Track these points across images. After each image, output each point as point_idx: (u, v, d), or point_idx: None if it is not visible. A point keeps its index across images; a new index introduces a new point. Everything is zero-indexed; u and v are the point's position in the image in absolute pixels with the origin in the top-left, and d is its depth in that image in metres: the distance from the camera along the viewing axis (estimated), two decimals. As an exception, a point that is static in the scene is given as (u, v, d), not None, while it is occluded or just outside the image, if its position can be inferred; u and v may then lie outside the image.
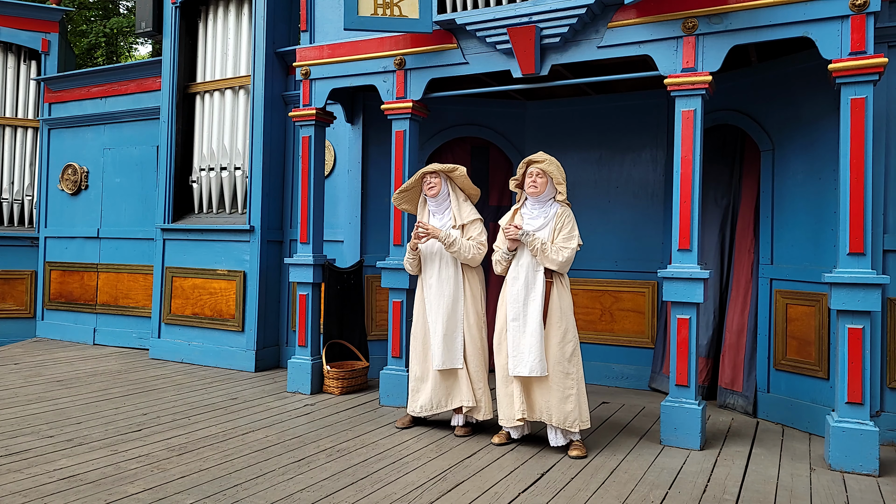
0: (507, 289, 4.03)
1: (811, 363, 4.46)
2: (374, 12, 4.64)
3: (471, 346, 4.26)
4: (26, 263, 8.22)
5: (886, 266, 4.22)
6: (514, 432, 4.09)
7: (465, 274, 4.31)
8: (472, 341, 4.26)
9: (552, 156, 4.09)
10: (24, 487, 3.25)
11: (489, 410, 4.28)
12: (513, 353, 3.92)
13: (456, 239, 4.17)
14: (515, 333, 3.92)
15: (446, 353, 4.22)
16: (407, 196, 4.49)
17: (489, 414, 4.28)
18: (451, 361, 4.23)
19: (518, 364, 3.88)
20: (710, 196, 5.32)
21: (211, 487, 3.30)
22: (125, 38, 15.97)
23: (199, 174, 6.88)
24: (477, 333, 4.28)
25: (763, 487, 3.42)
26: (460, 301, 4.27)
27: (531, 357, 3.84)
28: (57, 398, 5.10)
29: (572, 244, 3.91)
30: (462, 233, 4.27)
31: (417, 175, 4.37)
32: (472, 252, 4.20)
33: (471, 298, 4.30)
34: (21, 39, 8.22)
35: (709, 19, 3.99)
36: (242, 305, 6.42)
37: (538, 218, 4.00)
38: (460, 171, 4.31)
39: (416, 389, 4.39)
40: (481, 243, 4.24)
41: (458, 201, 4.35)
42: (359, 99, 6.04)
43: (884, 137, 4.21)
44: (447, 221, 4.32)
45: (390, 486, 3.36)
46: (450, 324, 4.24)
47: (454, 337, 4.24)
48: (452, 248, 4.17)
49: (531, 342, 3.86)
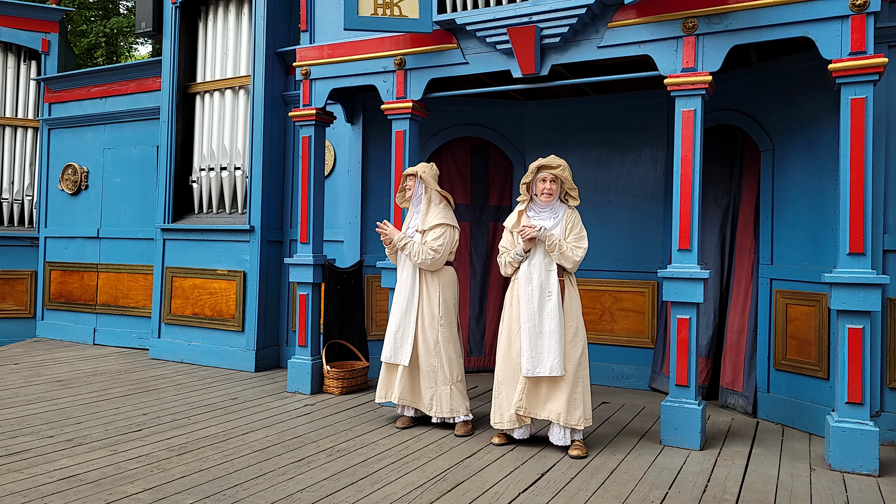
0: (520, 290, 3.99)
1: (811, 363, 4.46)
2: (374, 12, 4.64)
3: (422, 347, 4.33)
4: (26, 263, 8.22)
5: (886, 266, 4.22)
6: (519, 433, 4.06)
7: (423, 276, 4.37)
8: (424, 343, 4.32)
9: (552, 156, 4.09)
10: (24, 487, 3.25)
11: (442, 409, 4.30)
12: (530, 354, 3.88)
13: (407, 243, 4.28)
14: (532, 334, 3.90)
15: (393, 348, 4.38)
16: (405, 195, 4.58)
17: (443, 412, 4.29)
18: (396, 357, 4.36)
19: (538, 364, 3.87)
20: (710, 196, 5.32)
21: (211, 487, 3.30)
22: (125, 38, 15.96)
23: (199, 174, 6.88)
24: (430, 336, 4.31)
25: (763, 487, 3.42)
26: (415, 301, 4.34)
27: (551, 357, 3.84)
28: (57, 398, 5.10)
29: (585, 244, 3.94)
30: (423, 237, 4.32)
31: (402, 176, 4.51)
32: (420, 256, 4.25)
33: (426, 301, 4.34)
34: (21, 39, 8.22)
35: (709, 19, 3.99)
36: (242, 305, 6.42)
37: (547, 220, 4.00)
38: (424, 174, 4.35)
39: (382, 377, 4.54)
40: (433, 248, 4.26)
41: (427, 205, 4.40)
42: (359, 99, 6.04)
43: (884, 137, 4.21)
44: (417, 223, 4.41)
45: (390, 486, 3.36)
46: (403, 321, 4.36)
47: (405, 335, 4.34)
48: (404, 252, 4.31)
49: (550, 342, 3.86)
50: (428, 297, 4.35)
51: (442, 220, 4.32)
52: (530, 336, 3.90)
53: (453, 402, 4.30)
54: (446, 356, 4.31)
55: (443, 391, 4.30)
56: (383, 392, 4.52)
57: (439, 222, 4.31)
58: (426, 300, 4.35)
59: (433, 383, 4.33)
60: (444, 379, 4.31)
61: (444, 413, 4.31)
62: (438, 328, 4.32)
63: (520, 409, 3.91)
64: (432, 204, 4.40)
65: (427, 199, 4.39)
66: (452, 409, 4.30)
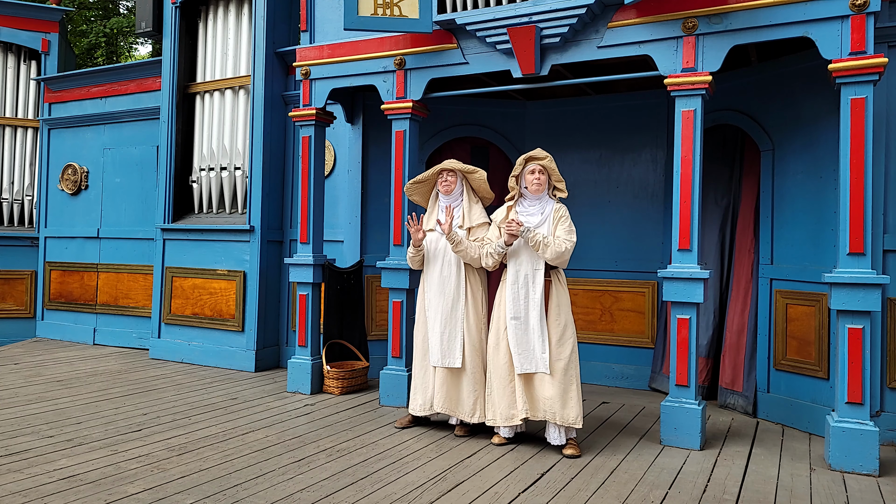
0: (507, 288, 4.04)
1: (811, 363, 4.46)
2: (374, 12, 4.64)
3: (469, 347, 4.22)
4: (26, 263, 8.22)
5: (886, 266, 4.22)
6: (506, 431, 4.06)
7: (467, 275, 4.30)
8: (471, 343, 4.23)
9: (551, 155, 4.11)
10: (24, 487, 3.25)
11: (483, 413, 4.19)
12: (517, 352, 3.91)
13: (462, 239, 4.16)
14: (517, 332, 3.92)
15: (444, 352, 4.22)
16: (419, 189, 4.50)
17: (483, 417, 4.18)
18: (448, 360, 4.20)
19: (525, 362, 3.88)
20: (710, 196, 5.32)
21: (211, 487, 3.30)
22: (125, 38, 15.96)
23: (199, 174, 6.88)
24: (476, 335, 4.25)
25: (763, 487, 3.42)
26: (461, 301, 4.26)
27: (538, 354, 3.85)
28: (57, 398, 5.10)
29: (573, 237, 3.93)
30: (468, 235, 4.27)
31: (435, 169, 4.37)
32: (477, 252, 4.19)
33: (471, 299, 4.28)
34: (21, 39, 8.22)
35: (709, 19, 3.99)
36: (242, 305, 6.42)
37: (535, 215, 4.01)
38: (480, 174, 4.33)
39: (416, 388, 4.38)
40: None
41: (469, 203, 4.36)
42: (359, 99, 6.04)
43: (884, 137, 4.21)
44: (455, 221, 4.31)
45: (390, 486, 3.36)
46: (449, 323, 4.23)
47: (453, 336, 4.21)
48: (458, 248, 4.15)
49: (536, 340, 3.87)
50: (473, 294, 4.29)
51: (486, 219, 4.33)
52: (515, 333, 3.92)
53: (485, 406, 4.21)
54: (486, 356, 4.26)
55: (484, 394, 4.19)
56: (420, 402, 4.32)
57: (484, 221, 4.32)
58: (472, 299, 4.28)
59: (478, 386, 4.20)
60: (487, 382, 4.20)
61: (484, 418, 4.15)
62: (483, 327, 4.28)
63: (526, 412, 3.90)
64: (472, 202, 4.37)
65: (468, 197, 4.36)
66: (483, 413, 4.19)
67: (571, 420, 3.85)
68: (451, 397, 4.23)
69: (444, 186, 4.32)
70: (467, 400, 4.20)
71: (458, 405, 4.23)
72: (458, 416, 4.25)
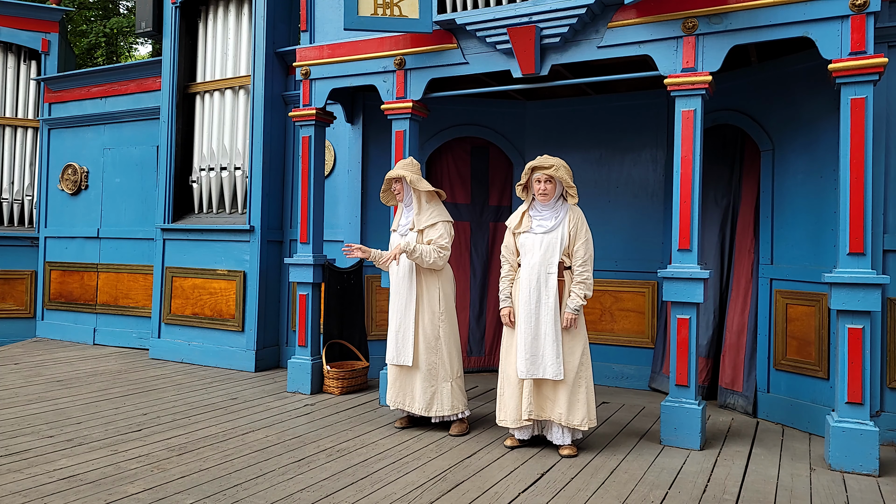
0: (520, 290, 3.99)
1: (811, 363, 4.46)
2: (374, 12, 4.64)
3: (423, 346, 4.29)
4: (26, 263, 8.22)
5: (886, 266, 4.22)
6: (520, 433, 4.04)
7: (421, 275, 4.33)
8: (426, 342, 4.28)
9: (554, 156, 4.07)
10: (24, 487, 3.25)
11: (442, 407, 4.25)
12: (526, 356, 3.86)
13: (416, 247, 4.19)
14: (526, 336, 3.88)
15: (395, 349, 4.33)
16: (388, 196, 4.58)
17: (443, 410, 4.25)
18: (399, 358, 4.31)
19: (534, 367, 3.85)
20: (710, 196, 5.32)
21: (211, 487, 3.30)
22: (125, 38, 15.96)
23: (199, 174, 6.88)
24: (430, 334, 4.29)
25: (763, 487, 3.42)
26: (413, 300, 4.31)
27: (548, 360, 3.83)
28: (57, 398, 5.10)
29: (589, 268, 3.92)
30: (421, 236, 4.29)
31: (385, 179, 4.45)
32: (432, 257, 4.21)
33: (426, 299, 4.31)
34: (21, 39, 8.22)
35: (709, 19, 3.99)
36: (242, 305, 6.42)
37: (549, 220, 3.97)
38: (422, 184, 4.30)
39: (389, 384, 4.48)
40: (441, 247, 4.24)
41: (419, 204, 4.35)
42: (359, 99, 6.04)
43: (884, 137, 4.21)
44: (409, 222, 4.38)
45: (390, 486, 3.36)
46: (403, 321, 4.32)
47: (405, 335, 4.30)
48: (414, 256, 4.20)
49: (546, 344, 3.84)
50: (427, 293, 4.32)
51: (438, 218, 4.31)
52: (526, 337, 3.88)
53: (454, 400, 4.27)
54: (447, 351, 4.30)
55: (444, 388, 4.27)
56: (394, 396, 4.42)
57: (437, 220, 4.30)
58: (426, 296, 4.32)
59: (434, 381, 4.28)
60: (446, 375, 4.28)
61: (444, 412, 4.26)
62: (440, 324, 4.30)
63: (530, 413, 3.89)
64: (423, 202, 4.36)
65: (416, 197, 4.35)
66: (454, 407, 4.26)
67: (576, 423, 3.84)
68: (408, 393, 4.35)
69: (396, 195, 4.45)
70: (426, 395, 4.28)
71: (413, 402, 4.33)
72: (410, 411, 4.35)
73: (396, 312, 4.36)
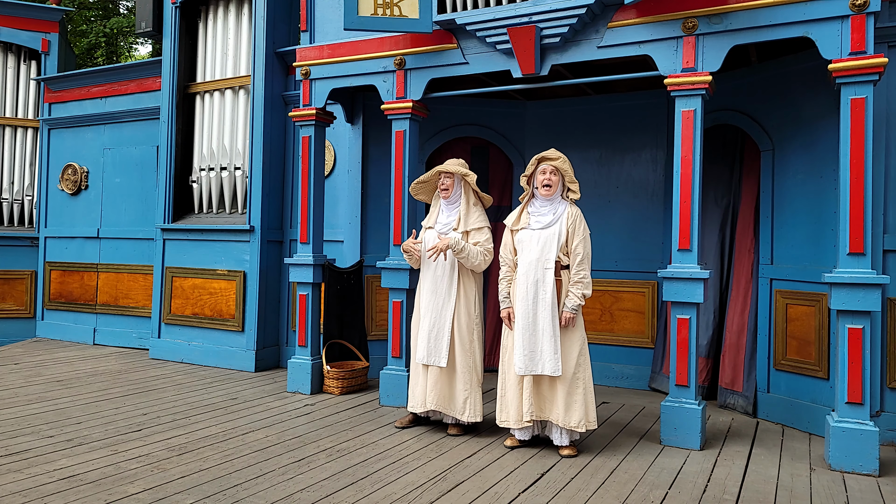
0: (517, 287, 4.00)
1: (811, 363, 4.46)
2: (374, 12, 4.64)
3: (459, 347, 4.23)
4: (26, 263, 8.22)
5: (886, 266, 4.22)
6: (521, 434, 4.03)
7: (461, 275, 4.29)
8: (461, 343, 4.24)
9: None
10: (24, 487, 3.25)
11: (475, 413, 4.22)
12: (524, 353, 3.87)
13: (464, 245, 4.15)
14: (525, 333, 3.89)
15: (430, 350, 4.23)
16: (423, 188, 4.53)
17: (475, 416, 4.22)
18: (434, 359, 4.22)
19: (532, 364, 3.85)
20: (710, 196, 5.32)
21: (211, 487, 3.30)
22: (125, 38, 15.96)
23: (199, 174, 6.88)
24: (466, 335, 4.25)
25: (763, 487, 3.42)
26: (451, 301, 4.25)
27: (547, 356, 3.83)
28: (57, 398, 5.10)
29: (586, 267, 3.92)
30: (465, 238, 4.26)
31: (434, 171, 4.39)
32: (479, 258, 4.19)
33: (463, 300, 4.27)
34: (21, 39, 8.22)
35: (709, 19, 3.99)
36: (242, 305, 6.42)
37: (547, 215, 3.98)
38: (471, 177, 4.30)
39: (412, 385, 4.41)
40: (488, 251, 4.23)
41: (467, 205, 4.32)
42: (359, 99, 6.04)
43: (884, 137, 4.21)
44: (452, 221, 4.32)
45: (390, 486, 3.36)
46: (438, 322, 4.24)
47: (441, 336, 4.22)
48: (461, 255, 4.15)
49: (545, 341, 3.84)
50: (466, 294, 4.27)
51: (485, 223, 4.31)
52: (524, 333, 3.89)
53: (478, 405, 4.25)
54: (479, 356, 4.28)
55: (476, 393, 4.24)
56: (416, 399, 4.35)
57: (483, 225, 4.29)
58: (464, 298, 4.26)
59: (469, 385, 4.22)
60: (478, 380, 4.26)
61: (476, 417, 4.21)
62: (475, 327, 4.28)
63: (531, 414, 3.89)
64: (471, 204, 4.33)
65: (466, 199, 4.32)
66: (476, 413, 4.23)
67: (573, 424, 3.83)
68: (444, 395, 4.25)
69: (443, 189, 4.36)
70: (459, 398, 4.22)
71: (451, 403, 4.25)
72: (451, 415, 4.27)
73: (431, 311, 4.26)
